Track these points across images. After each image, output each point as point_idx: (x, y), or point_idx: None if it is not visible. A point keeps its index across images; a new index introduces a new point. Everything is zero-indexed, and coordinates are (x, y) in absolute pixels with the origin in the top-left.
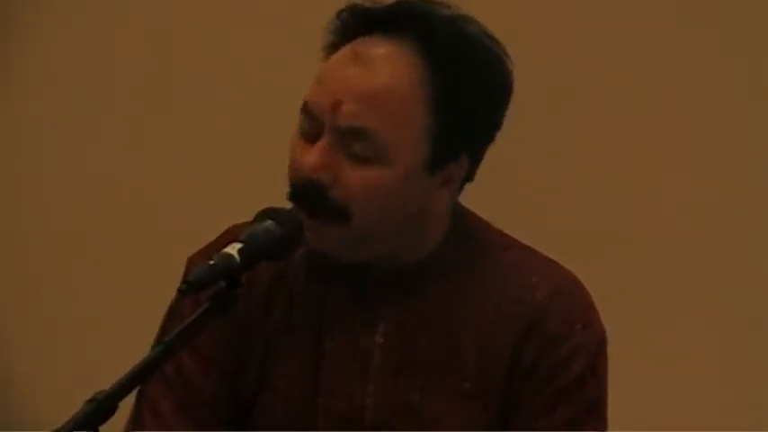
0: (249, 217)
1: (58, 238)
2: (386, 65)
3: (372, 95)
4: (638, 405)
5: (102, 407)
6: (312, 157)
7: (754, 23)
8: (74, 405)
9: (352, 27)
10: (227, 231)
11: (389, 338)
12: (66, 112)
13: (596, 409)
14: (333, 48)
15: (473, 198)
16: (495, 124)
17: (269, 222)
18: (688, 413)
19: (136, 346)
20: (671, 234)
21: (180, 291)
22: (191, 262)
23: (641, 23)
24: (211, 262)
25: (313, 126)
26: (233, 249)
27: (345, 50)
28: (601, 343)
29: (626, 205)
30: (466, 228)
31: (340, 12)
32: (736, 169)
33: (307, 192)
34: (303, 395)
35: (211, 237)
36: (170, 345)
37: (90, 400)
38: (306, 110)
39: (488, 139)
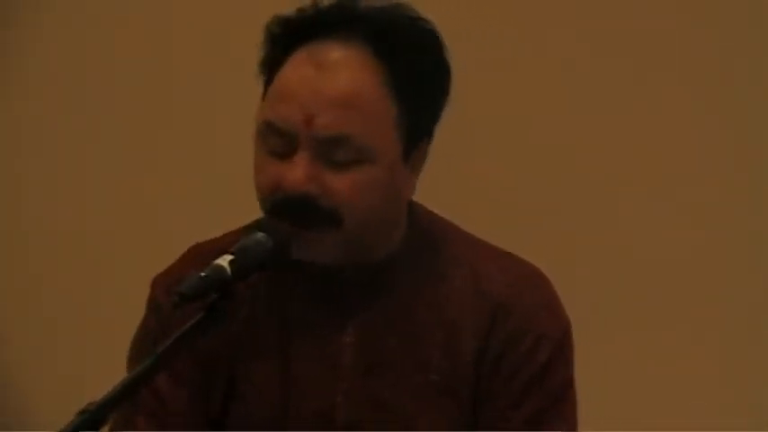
0: (248, 217)
1: (58, 238)
2: (346, 68)
3: (343, 101)
4: (637, 405)
5: (93, 418)
6: (296, 172)
7: (754, 23)
8: (74, 405)
9: (290, 37)
10: (189, 251)
11: (359, 337)
12: (66, 112)
13: (564, 398)
14: (273, 62)
15: (476, 198)
16: (445, 102)
17: (260, 234)
18: (688, 413)
19: None
20: (671, 234)
21: (172, 303)
22: (155, 283)
23: (642, 23)
24: (203, 274)
25: (283, 143)
26: (224, 261)
27: (299, 61)
28: (565, 333)
29: (626, 205)
30: (421, 222)
31: (270, 25)
32: (736, 169)
33: (295, 205)
34: (273, 401)
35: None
36: (161, 357)
37: (81, 412)
38: (272, 128)
39: (439, 117)
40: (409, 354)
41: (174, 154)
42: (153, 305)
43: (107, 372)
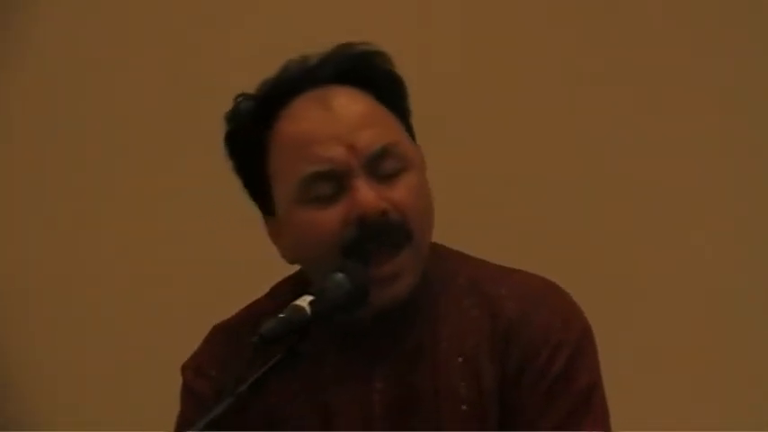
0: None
1: (57, 238)
2: (348, 97)
3: (367, 120)
4: (638, 405)
5: None
6: (365, 195)
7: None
8: (73, 405)
9: (270, 104)
10: (213, 332)
11: (387, 382)
12: (66, 112)
13: (590, 399)
14: (256, 134)
15: (484, 199)
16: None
17: (339, 275)
18: (688, 413)
19: (136, 346)
20: (671, 234)
21: (253, 343)
22: (184, 369)
23: (651, 22)
24: (282, 315)
25: (331, 185)
26: (304, 302)
27: (306, 112)
28: (582, 336)
29: (625, 205)
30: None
31: (241, 105)
32: (736, 168)
33: (376, 227)
34: None
35: (212, 241)
36: (241, 395)
37: None
38: (318, 177)
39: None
40: (437, 388)
41: (175, 155)
42: (187, 391)
43: (107, 371)
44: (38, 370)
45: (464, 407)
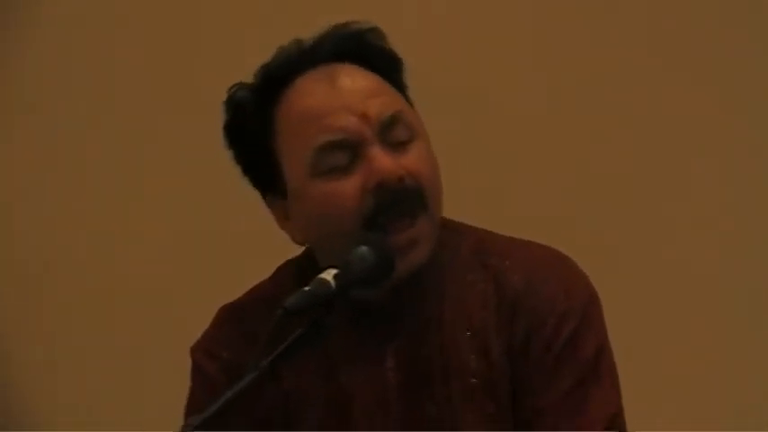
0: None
1: (57, 238)
2: (351, 70)
3: (374, 90)
4: (638, 405)
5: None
6: (383, 161)
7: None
8: (74, 405)
9: (274, 83)
10: (220, 312)
11: (398, 360)
12: (66, 112)
13: (598, 366)
14: (262, 111)
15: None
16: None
17: (363, 248)
18: (688, 413)
19: (135, 346)
20: (671, 234)
21: (277, 317)
22: (193, 351)
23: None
24: (307, 288)
25: (346, 154)
26: (328, 275)
27: (314, 85)
28: (588, 302)
29: (626, 205)
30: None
31: (236, 93)
32: (736, 167)
33: (398, 195)
34: None
35: (210, 235)
36: (264, 368)
37: (184, 427)
38: (332, 146)
39: None
40: (447, 363)
41: (174, 155)
42: (197, 372)
43: (107, 372)
44: (38, 370)
45: (474, 380)
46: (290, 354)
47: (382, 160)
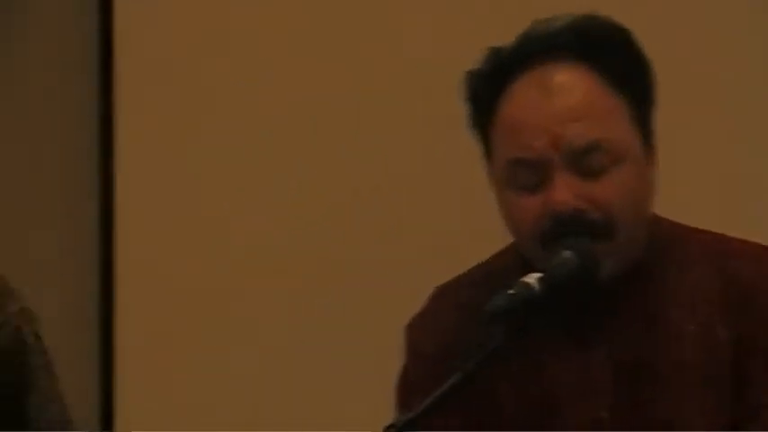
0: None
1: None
2: (568, 81)
3: (580, 111)
4: None
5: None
6: (562, 192)
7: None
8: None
9: (495, 79)
10: (436, 293)
11: (612, 350)
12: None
13: None
14: (485, 110)
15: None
16: (655, 95)
17: (567, 253)
18: None
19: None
20: None
21: (480, 322)
22: (410, 327)
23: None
24: (511, 291)
25: (534, 174)
26: (532, 279)
27: (522, 92)
28: None
29: None
30: (660, 224)
31: (470, 79)
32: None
33: (570, 225)
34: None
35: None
36: (470, 373)
37: (387, 428)
38: (521, 163)
39: (654, 110)
40: (663, 355)
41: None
42: (413, 350)
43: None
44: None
45: (695, 375)
46: (496, 355)
47: (560, 192)
